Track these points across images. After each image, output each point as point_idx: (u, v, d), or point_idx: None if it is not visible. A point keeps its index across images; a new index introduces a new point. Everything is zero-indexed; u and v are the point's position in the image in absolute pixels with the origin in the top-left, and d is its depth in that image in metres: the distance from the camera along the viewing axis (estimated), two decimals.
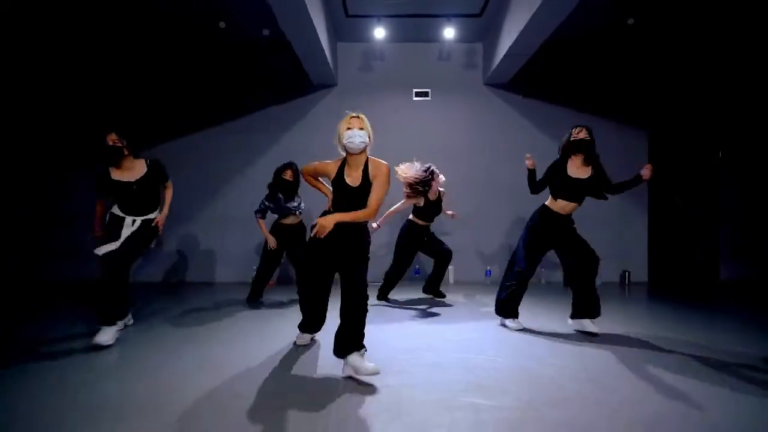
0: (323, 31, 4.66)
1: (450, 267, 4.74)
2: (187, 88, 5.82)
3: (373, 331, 3.12)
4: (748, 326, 3.36)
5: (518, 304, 3.26)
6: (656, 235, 5.87)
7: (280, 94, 5.82)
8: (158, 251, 5.70)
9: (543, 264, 5.75)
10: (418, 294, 4.54)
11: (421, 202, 4.04)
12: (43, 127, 5.82)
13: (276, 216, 4.22)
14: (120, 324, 2.98)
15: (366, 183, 2.34)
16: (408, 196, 3.92)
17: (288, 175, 4.04)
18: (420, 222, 4.16)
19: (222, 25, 4.81)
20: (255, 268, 4.37)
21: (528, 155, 3.29)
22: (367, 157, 2.38)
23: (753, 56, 5.35)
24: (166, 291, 5.00)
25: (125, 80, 5.74)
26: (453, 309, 3.99)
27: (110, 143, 2.99)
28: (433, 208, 4.14)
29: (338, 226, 2.29)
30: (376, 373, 2.16)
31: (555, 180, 3.10)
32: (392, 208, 4.11)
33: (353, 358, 2.19)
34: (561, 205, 3.09)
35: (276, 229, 4.18)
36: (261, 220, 4.16)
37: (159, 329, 3.23)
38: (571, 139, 3.02)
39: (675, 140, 5.89)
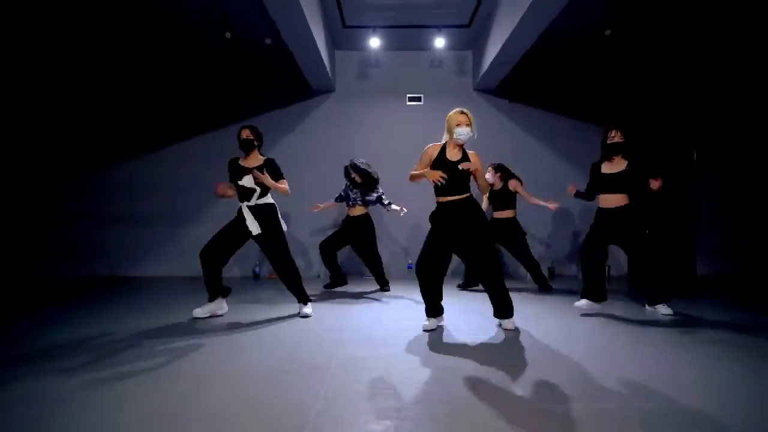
0: (322, 42, 5.02)
1: None
2: (189, 91, 6.16)
3: (376, 312, 3.49)
4: (720, 312, 3.66)
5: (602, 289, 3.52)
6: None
7: (280, 99, 6.18)
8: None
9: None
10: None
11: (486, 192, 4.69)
12: (42, 128, 6.11)
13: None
14: (309, 307, 3.54)
15: (464, 158, 2.95)
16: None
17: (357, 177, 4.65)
18: (497, 215, 4.77)
19: (228, 35, 5.15)
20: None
21: (570, 188, 3.81)
22: (463, 145, 3.02)
23: (727, 62, 5.73)
24: (182, 286, 5.34)
25: (128, 82, 6.05)
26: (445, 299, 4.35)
27: (244, 137, 3.39)
28: (499, 198, 4.77)
29: (457, 209, 2.93)
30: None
31: (593, 178, 3.62)
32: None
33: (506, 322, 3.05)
34: (602, 200, 3.55)
35: (343, 219, 4.86)
36: (331, 201, 4.94)
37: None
38: (607, 142, 3.52)
39: (653, 142, 6.26)
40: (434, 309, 3.09)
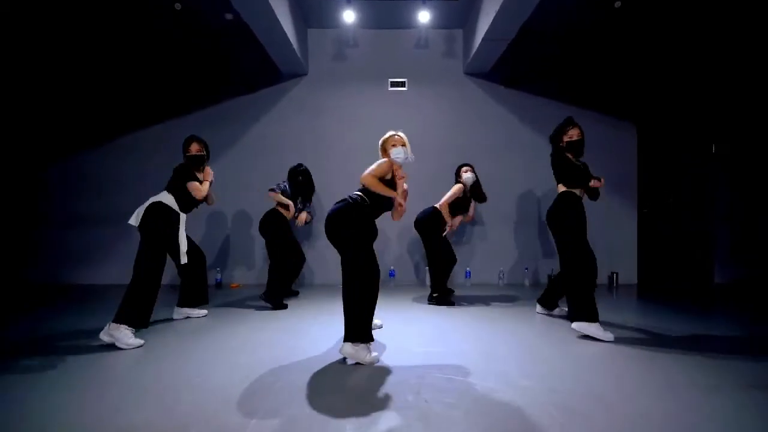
0: (286, 15, 4.32)
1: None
2: (151, 76, 5.45)
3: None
4: (733, 328, 3.05)
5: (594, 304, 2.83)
6: (646, 235, 5.57)
7: (247, 84, 5.47)
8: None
9: (527, 264, 5.44)
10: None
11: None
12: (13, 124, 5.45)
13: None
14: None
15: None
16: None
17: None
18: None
19: (178, 6, 4.44)
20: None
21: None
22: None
23: (748, 47, 5.05)
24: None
25: (66, 64, 5.30)
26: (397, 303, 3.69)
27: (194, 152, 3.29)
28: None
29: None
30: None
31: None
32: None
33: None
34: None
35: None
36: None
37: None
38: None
39: (665, 134, 5.59)
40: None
